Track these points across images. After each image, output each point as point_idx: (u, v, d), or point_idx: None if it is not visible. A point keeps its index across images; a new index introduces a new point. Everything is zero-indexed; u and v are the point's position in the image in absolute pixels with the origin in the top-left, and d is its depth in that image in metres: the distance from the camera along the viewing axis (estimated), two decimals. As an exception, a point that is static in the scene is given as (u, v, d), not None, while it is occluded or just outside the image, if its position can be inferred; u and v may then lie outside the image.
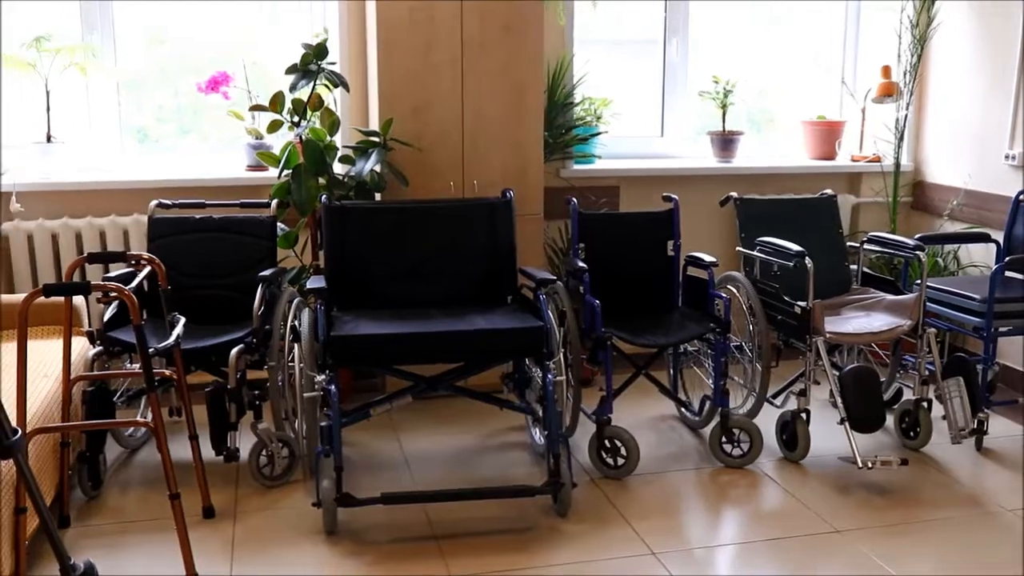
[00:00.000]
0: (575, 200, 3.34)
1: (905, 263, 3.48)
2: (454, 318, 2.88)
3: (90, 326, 3.24)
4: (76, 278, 3.48)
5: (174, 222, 3.25)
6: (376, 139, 3.43)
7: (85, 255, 2.66)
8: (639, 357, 3.29)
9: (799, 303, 3.08)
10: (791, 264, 3.13)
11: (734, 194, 3.56)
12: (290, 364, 3.00)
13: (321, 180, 3.41)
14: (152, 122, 3.89)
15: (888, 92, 4.23)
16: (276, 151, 3.60)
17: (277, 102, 3.38)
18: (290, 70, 3.38)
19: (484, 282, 3.16)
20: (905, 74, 4.23)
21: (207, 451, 2.88)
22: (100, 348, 2.85)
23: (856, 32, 4.46)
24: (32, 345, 2.97)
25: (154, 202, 3.30)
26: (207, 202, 3.36)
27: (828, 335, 3.06)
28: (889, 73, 4.26)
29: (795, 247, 3.13)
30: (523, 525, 2.70)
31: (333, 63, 3.47)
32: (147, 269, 2.74)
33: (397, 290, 3.11)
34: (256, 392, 2.91)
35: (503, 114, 3.57)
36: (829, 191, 3.69)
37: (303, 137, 3.39)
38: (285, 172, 3.41)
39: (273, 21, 3.85)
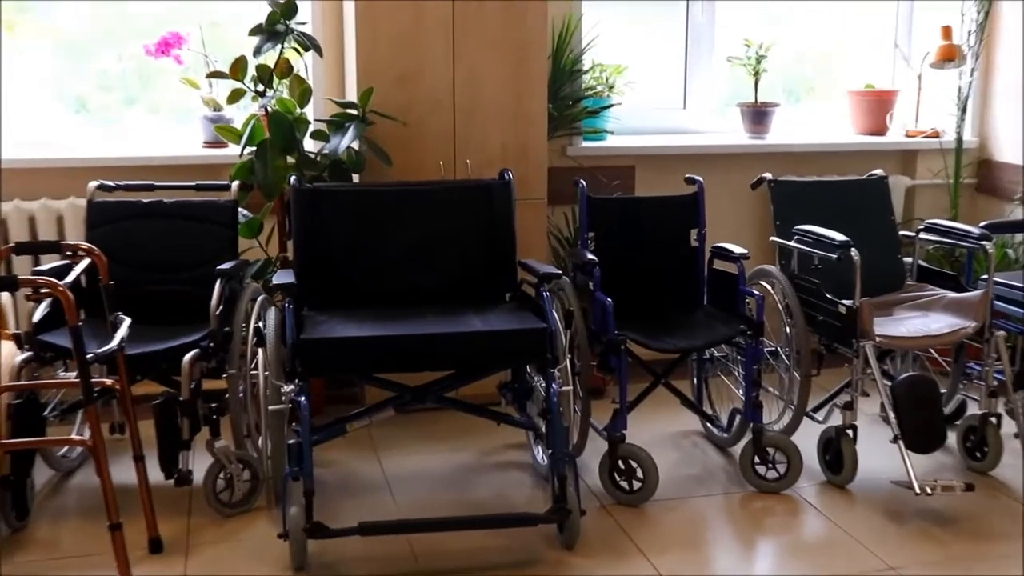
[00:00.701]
0: (583, 183, 3.33)
1: (969, 255, 3.45)
2: (444, 318, 2.86)
3: (18, 328, 3.21)
4: (1, 272, 3.45)
5: (118, 207, 3.23)
6: (354, 111, 3.41)
7: (12, 245, 2.64)
8: (658, 364, 3.27)
9: (844, 301, 3.06)
10: (834, 256, 3.11)
11: (768, 175, 3.54)
12: (253, 372, 2.99)
13: (290, 159, 3.40)
14: (93, 90, 3.86)
15: (949, 56, 4.20)
16: (237, 125, 3.59)
17: (239, 68, 3.36)
18: (254, 31, 3.36)
19: (479, 277, 3.15)
20: (969, 35, 4.21)
21: (155, 474, 2.86)
22: (29, 354, 2.83)
23: (910, -12, 4.45)
24: (-49, 350, 2.94)
25: (94, 183, 3.27)
26: (156, 183, 3.33)
27: (878, 338, 3.04)
28: (950, 34, 4.23)
29: (839, 236, 3.11)
30: (524, 559, 2.67)
31: (304, 23, 3.44)
32: (85, 261, 2.72)
33: (378, 286, 3.10)
34: (213, 405, 2.89)
35: (501, 83, 3.55)
36: (879, 172, 3.67)
37: (269, 109, 3.37)
38: (248, 149, 3.39)
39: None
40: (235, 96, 3.39)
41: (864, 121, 4.41)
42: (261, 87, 3.38)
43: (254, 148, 3.36)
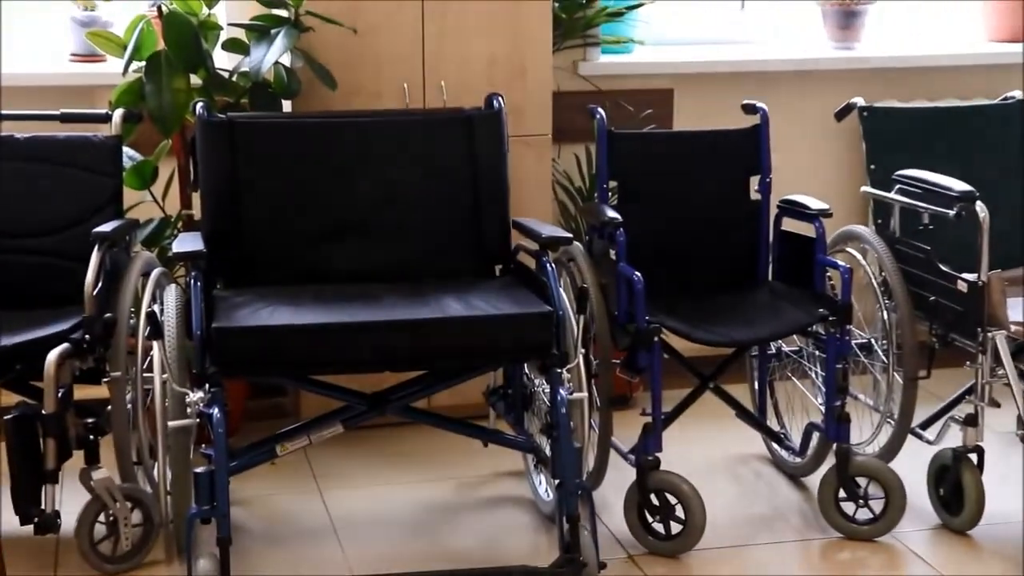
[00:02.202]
0: (602, 112, 3.32)
1: None
2: (410, 299, 2.86)
3: None
4: None
5: (-47, 146, 3.23)
6: (283, 13, 3.41)
7: None
8: (705, 362, 3.28)
9: (965, 276, 3.07)
10: (952, 212, 3.11)
11: (859, 100, 3.53)
12: (146, 375, 2.97)
13: (195, 79, 3.39)
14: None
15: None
16: (119, 31, 3.56)
17: (120, -50, 3.37)
18: (141, -102, 3.37)
19: (458, 243, 3.16)
20: None
21: (7, 516, 2.86)
22: None
23: None
24: None
25: (-84, 113, 3.29)
26: (5, 112, 3.32)
27: (1013, 327, 3.04)
28: None
29: (959, 185, 3.11)
30: (521, 631, 2.70)
31: None
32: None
33: (318, 255, 3.11)
34: (90, 421, 2.89)
35: (487, -28, 3.57)
36: (1017, 94, 3.67)
37: (164, 8, 3.37)
38: (135, 65, 3.39)
39: None
40: (116, -10, 3.41)
41: (997, 23, 4.40)
42: (153, -22, 3.39)
43: (144, 63, 3.35)
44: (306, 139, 3.14)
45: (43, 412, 2.79)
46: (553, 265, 2.89)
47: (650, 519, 3.02)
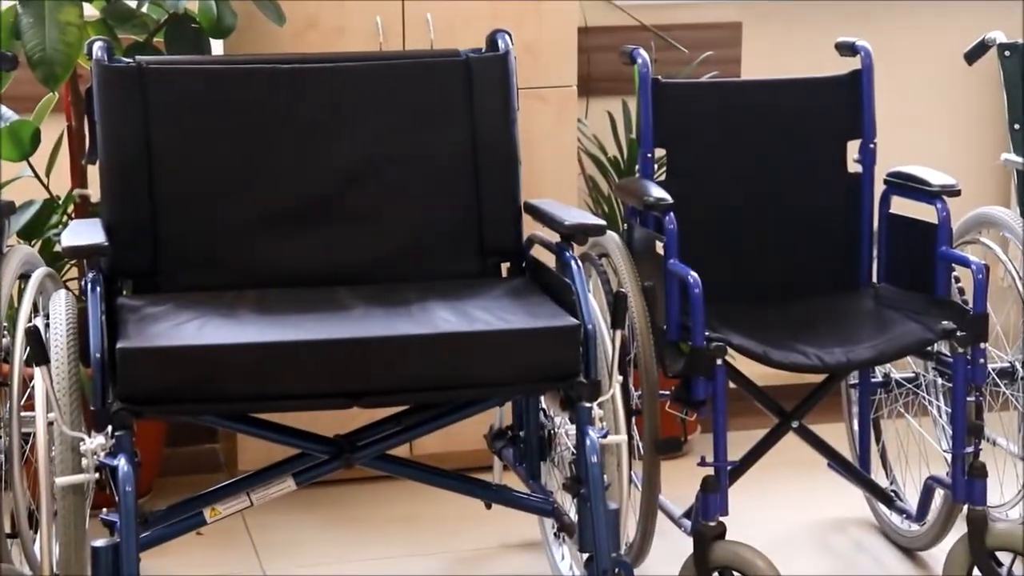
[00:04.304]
0: (645, 55, 3.32)
1: None
2: (389, 310, 2.88)
3: None
4: None
5: None
6: (212, -79, 3.42)
7: None
8: (785, 393, 3.28)
9: None
10: None
11: (998, 35, 3.55)
12: (25, 414, 2.96)
13: (90, 9, 3.42)
14: None
15: None
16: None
17: None
18: None
19: (451, 233, 3.18)
20: None
21: None
22: None
23: None
24: None
25: None
26: None
27: None
28: None
29: None
30: None
31: None
32: None
33: (264, 250, 3.12)
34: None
35: None
36: None
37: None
38: (9, -10, 3.41)
39: None
40: None
41: None
42: None
43: (20, -11, 3.37)
44: (244, 92, 3.14)
45: None
46: (580, 262, 2.89)
47: (712, 606, 3.02)
